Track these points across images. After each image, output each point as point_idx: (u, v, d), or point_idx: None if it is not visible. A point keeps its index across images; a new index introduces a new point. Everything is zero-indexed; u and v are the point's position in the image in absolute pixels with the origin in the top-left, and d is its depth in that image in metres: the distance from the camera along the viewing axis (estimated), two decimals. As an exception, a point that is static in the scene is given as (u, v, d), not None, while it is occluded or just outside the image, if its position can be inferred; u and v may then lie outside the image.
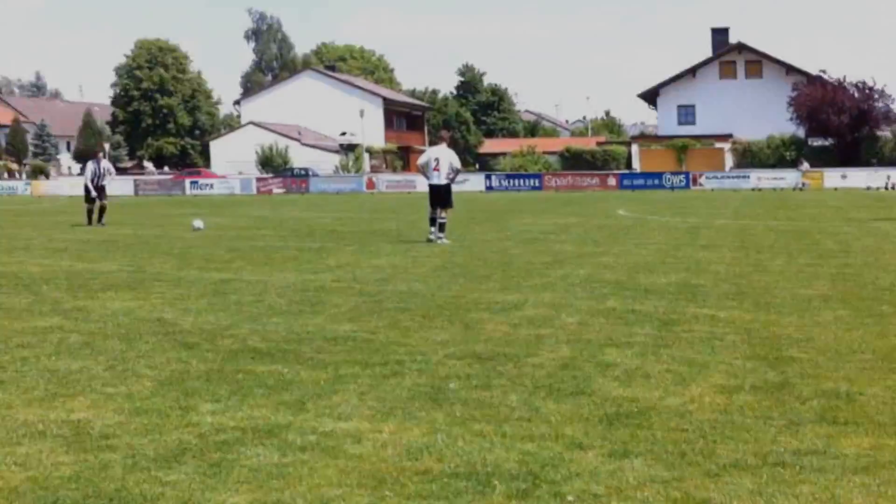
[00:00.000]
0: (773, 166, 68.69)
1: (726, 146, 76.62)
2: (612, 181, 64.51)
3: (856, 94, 72.08)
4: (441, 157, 19.50)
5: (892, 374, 7.06)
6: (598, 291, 11.58)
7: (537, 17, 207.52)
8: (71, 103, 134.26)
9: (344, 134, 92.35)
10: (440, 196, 19.44)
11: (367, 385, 6.82)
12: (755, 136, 75.41)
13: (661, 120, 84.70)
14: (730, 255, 15.99)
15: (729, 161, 76.01)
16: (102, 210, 26.92)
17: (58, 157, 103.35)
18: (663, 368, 7.27)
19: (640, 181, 64.38)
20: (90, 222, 26.70)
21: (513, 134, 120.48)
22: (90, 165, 27.52)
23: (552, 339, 8.49)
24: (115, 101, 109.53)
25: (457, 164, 19.73)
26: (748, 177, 62.75)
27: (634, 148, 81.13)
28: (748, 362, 7.46)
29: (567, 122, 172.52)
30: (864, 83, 72.83)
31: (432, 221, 19.43)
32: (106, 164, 27.83)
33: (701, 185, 61.87)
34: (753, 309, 10.10)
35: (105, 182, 27.36)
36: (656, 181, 63.41)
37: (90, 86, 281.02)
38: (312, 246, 18.93)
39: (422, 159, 20.10)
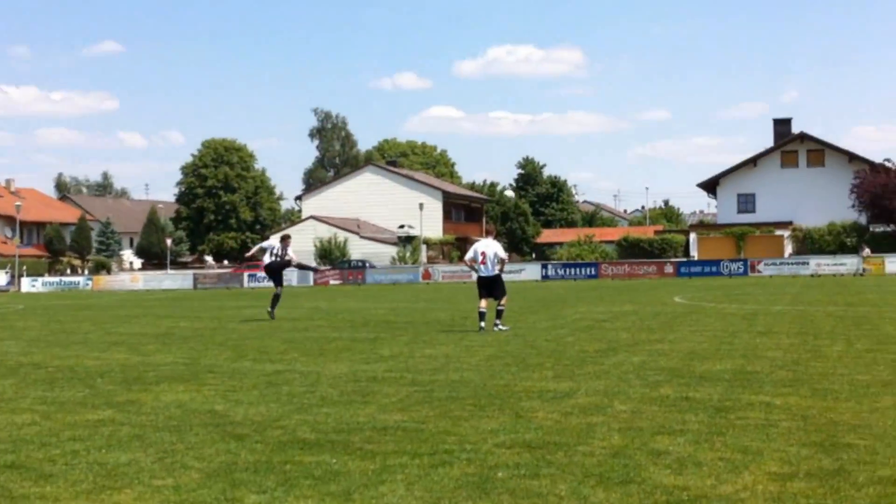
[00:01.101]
0: (833, 253, 67.96)
1: (786, 233, 76.05)
2: (669, 269, 64.24)
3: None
4: (486, 250, 19.76)
5: (952, 460, 6.87)
6: (651, 379, 11.45)
7: (597, 108, 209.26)
8: (136, 201, 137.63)
9: (402, 227, 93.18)
10: (490, 287, 19.70)
11: (414, 475, 6.76)
12: (816, 223, 74.82)
13: (720, 208, 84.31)
14: (787, 342, 15.75)
15: (789, 248, 75.40)
16: (276, 299, 25.28)
17: (121, 252, 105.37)
18: (716, 456, 7.13)
19: (698, 269, 64.07)
20: (274, 308, 25.27)
21: (571, 224, 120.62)
22: (275, 241, 25.69)
23: (604, 427, 8.38)
24: (180, 199, 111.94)
25: (502, 254, 19.94)
26: (807, 263, 62.20)
27: (692, 236, 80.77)
28: (803, 449, 7.31)
29: (626, 212, 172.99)
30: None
31: (481, 316, 19.51)
32: (291, 253, 25.65)
33: (759, 271, 61.45)
34: (810, 395, 9.91)
35: (284, 261, 25.37)
36: (714, 268, 63.09)
37: (156, 185, 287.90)
38: (366, 336, 18.97)
39: (468, 254, 20.38)
